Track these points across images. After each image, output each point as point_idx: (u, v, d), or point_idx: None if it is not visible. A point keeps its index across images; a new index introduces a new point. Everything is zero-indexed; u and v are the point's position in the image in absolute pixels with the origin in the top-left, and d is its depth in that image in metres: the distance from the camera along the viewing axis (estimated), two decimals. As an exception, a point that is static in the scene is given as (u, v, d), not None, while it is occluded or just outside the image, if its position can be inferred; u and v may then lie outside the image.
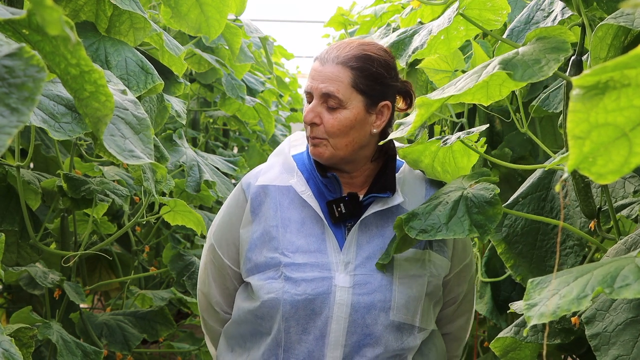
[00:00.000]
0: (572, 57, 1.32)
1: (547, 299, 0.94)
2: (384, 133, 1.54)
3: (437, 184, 1.60)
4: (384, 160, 1.57)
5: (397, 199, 1.51)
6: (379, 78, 1.49)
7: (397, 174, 1.56)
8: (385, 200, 1.51)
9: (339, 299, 1.46)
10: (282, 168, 1.59)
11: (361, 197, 1.53)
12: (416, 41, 1.50)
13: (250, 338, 1.56)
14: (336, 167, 1.54)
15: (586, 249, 1.46)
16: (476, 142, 1.51)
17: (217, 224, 1.66)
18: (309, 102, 1.50)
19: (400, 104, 1.58)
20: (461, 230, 1.31)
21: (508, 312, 1.99)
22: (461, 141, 1.44)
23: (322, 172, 1.54)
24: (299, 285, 1.47)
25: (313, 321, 1.47)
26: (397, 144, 1.60)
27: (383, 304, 1.46)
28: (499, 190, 1.36)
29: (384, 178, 1.54)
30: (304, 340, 1.47)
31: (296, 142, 1.65)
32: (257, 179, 1.59)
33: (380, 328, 1.46)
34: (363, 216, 1.51)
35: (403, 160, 1.58)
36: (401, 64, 1.54)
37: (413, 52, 1.48)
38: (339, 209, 1.51)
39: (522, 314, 1.33)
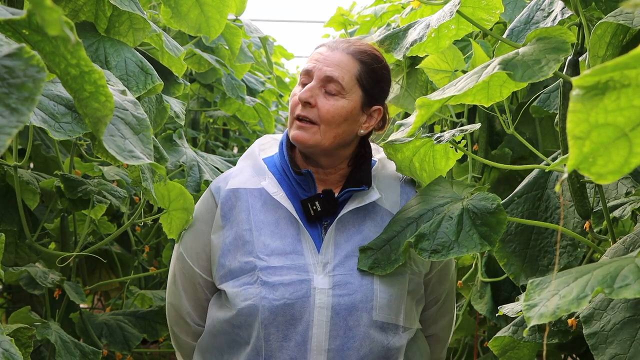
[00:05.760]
0: (569, 57, 1.32)
1: (547, 300, 0.94)
2: (365, 138, 1.53)
3: (411, 182, 1.58)
4: (359, 161, 1.54)
5: (374, 195, 1.48)
6: (381, 80, 1.49)
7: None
8: (362, 197, 1.48)
9: (318, 302, 1.40)
10: (252, 171, 1.54)
11: (336, 194, 1.49)
12: (413, 34, 1.48)
13: (227, 350, 1.48)
14: (312, 159, 1.50)
15: (579, 249, 1.46)
16: (458, 142, 1.51)
17: (185, 231, 1.58)
18: (303, 85, 1.45)
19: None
20: (473, 245, 1.29)
21: (496, 314, 2.00)
22: (453, 140, 1.43)
23: (295, 168, 1.49)
24: (276, 289, 1.41)
25: (293, 327, 1.40)
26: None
27: (365, 304, 1.41)
28: (501, 201, 1.35)
29: (359, 174, 1.51)
30: (285, 347, 1.40)
31: (265, 146, 1.61)
32: (227, 183, 1.53)
33: (364, 329, 1.41)
34: (340, 214, 1.46)
35: (375, 160, 1.56)
36: (396, 57, 1.52)
37: (412, 45, 1.46)
38: (314, 207, 1.46)
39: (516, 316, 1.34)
